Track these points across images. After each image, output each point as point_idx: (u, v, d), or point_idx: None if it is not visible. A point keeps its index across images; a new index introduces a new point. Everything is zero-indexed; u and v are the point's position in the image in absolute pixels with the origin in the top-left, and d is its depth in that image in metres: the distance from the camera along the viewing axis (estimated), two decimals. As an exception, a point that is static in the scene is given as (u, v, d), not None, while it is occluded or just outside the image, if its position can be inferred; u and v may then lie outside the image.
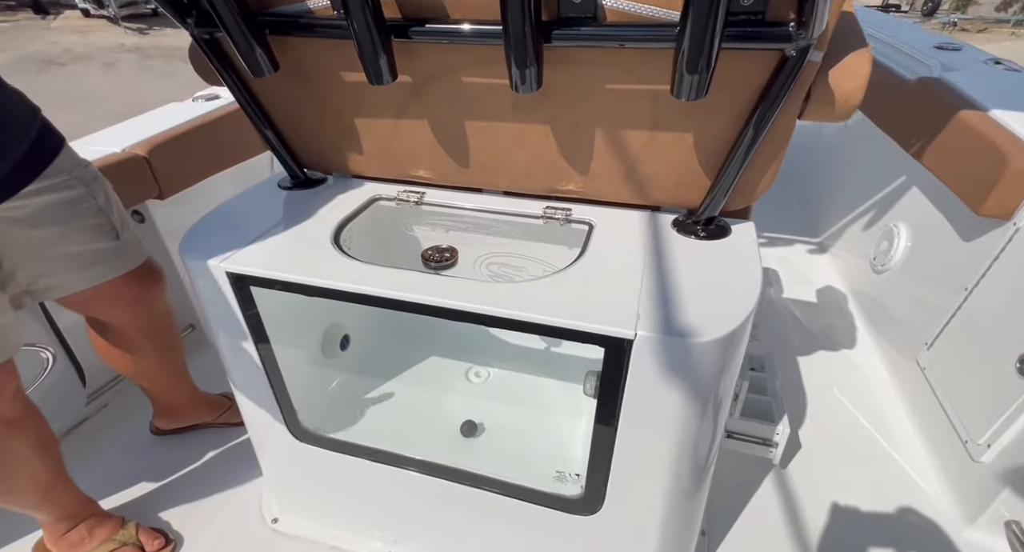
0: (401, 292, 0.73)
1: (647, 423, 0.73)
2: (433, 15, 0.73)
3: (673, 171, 0.83)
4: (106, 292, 1.00)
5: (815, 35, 0.59)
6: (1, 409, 0.87)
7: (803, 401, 1.45)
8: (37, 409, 0.95)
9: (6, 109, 0.82)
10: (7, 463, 0.91)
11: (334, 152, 0.98)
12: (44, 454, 0.96)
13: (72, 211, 0.91)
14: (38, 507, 1.01)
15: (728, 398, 0.80)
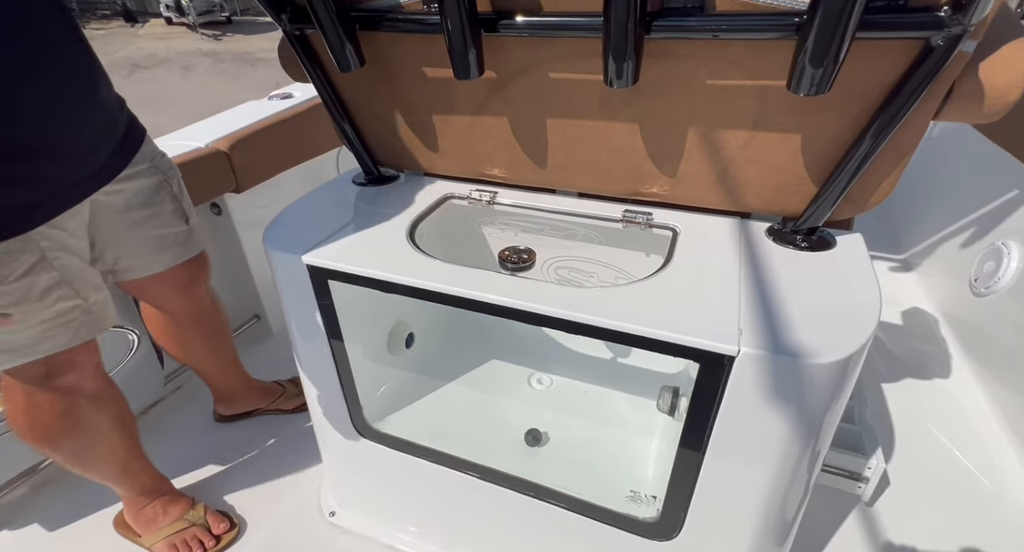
0: (482, 292, 0.70)
1: (741, 449, 0.67)
2: (527, 7, 0.70)
3: (773, 175, 0.76)
4: (165, 277, 1.05)
5: (974, 21, 0.52)
6: (84, 383, 0.91)
7: (891, 433, 1.32)
8: (116, 386, 1.00)
9: (108, 102, 0.86)
10: (89, 435, 0.95)
11: (409, 149, 0.97)
12: (123, 429, 1.00)
13: (155, 197, 0.97)
14: (116, 480, 1.05)
15: (835, 425, 0.73)
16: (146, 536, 1.10)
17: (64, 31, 0.78)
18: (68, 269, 0.81)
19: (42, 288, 0.78)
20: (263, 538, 1.12)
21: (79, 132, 0.80)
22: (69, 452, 0.96)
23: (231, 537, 1.11)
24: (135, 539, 1.11)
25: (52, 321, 0.80)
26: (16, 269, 0.74)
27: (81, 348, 0.87)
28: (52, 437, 0.91)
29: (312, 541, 1.11)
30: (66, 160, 0.78)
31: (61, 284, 0.80)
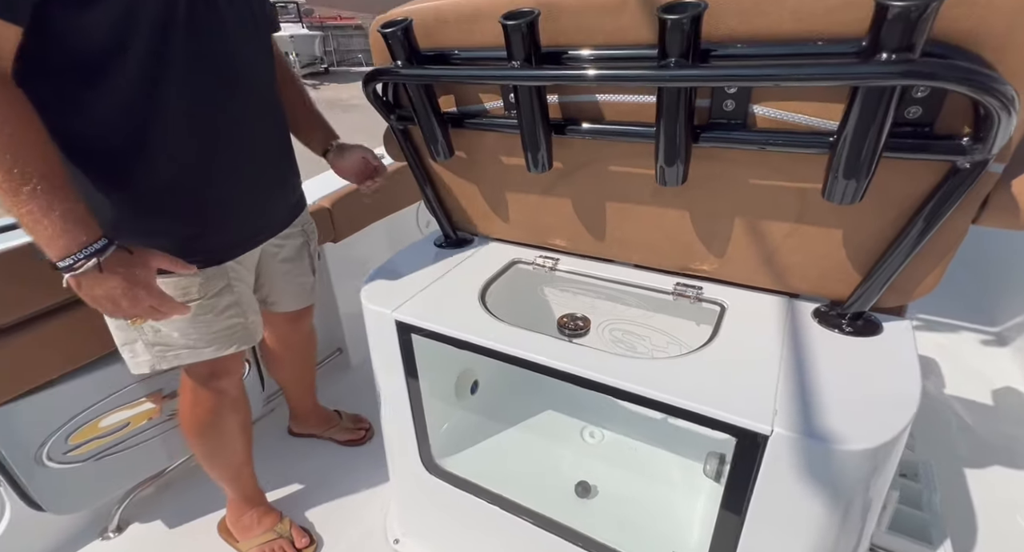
0: (539, 356, 0.81)
1: (778, 524, 0.71)
2: (591, 116, 0.83)
3: (817, 263, 0.82)
4: (289, 315, 1.29)
5: (994, 151, 0.57)
6: (230, 389, 1.12)
7: (972, 525, 1.24)
8: (247, 398, 1.21)
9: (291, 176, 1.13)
10: (225, 435, 1.16)
11: (483, 218, 1.12)
12: (244, 435, 1.20)
13: (300, 253, 1.22)
14: (230, 482, 1.24)
15: (876, 510, 0.74)
16: (242, 542, 1.27)
17: (282, 120, 1.06)
18: (241, 295, 1.04)
19: (223, 306, 1.00)
20: None
21: (270, 196, 1.05)
22: (208, 446, 1.16)
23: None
24: (233, 543, 1.28)
25: (223, 331, 1.02)
26: (212, 289, 0.98)
27: (235, 356, 1.08)
28: (202, 431, 1.13)
29: None
30: (257, 216, 1.04)
31: (235, 305, 1.02)
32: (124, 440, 1.22)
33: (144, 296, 0.78)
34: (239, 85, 0.90)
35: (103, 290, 0.75)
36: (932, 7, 0.49)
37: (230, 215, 0.97)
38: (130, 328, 0.95)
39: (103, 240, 0.73)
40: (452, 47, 0.85)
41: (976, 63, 0.55)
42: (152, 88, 0.79)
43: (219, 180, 0.92)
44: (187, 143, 0.86)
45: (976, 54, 0.55)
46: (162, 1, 0.76)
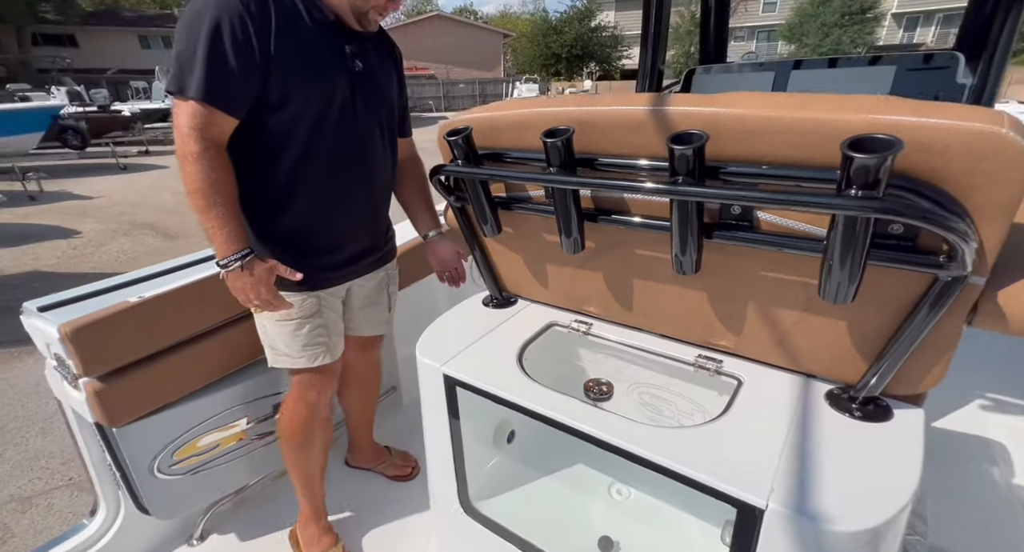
0: (563, 417, 0.92)
1: None
2: (619, 208, 0.96)
3: (827, 348, 0.88)
4: (362, 341, 1.51)
5: (968, 269, 0.64)
6: (322, 407, 1.35)
7: None
8: (332, 421, 1.42)
9: (387, 225, 1.42)
10: (311, 448, 1.37)
11: (526, 283, 1.26)
12: (324, 452, 1.42)
13: (381, 293, 1.48)
14: (303, 489, 1.43)
15: None
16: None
17: (388, 196, 1.40)
18: (328, 319, 1.31)
19: (313, 326, 1.28)
20: None
21: (364, 248, 1.35)
22: (298, 455, 1.38)
23: None
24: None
25: (311, 347, 1.29)
26: (307, 311, 1.26)
27: (324, 371, 1.33)
28: (295, 440, 1.36)
29: None
30: (352, 261, 1.32)
31: (322, 326, 1.29)
32: (215, 458, 1.43)
33: (263, 291, 1.11)
34: (361, 166, 1.25)
35: (240, 283, 1.09)
36: (888, 160, 0.59)
37: (331, 256, 1.27)
38: (265, 333, 1.29)
39: (247, 250, 1.09)
40: (504, 148, 1.02)
41: (943, 197, 0.63)
42: (303, 160, 1.16)
43: (331, 230, 1.26)
44: (317, 201, 1.21)
45: (943, 190, 0.63)
46: (320, 109, 1.14)
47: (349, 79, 1.18)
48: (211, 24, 0.99)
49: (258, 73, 1.05)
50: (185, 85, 1.01)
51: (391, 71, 1.32)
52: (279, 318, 1.24)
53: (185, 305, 1.29)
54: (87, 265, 5.38)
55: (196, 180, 1.03)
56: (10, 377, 3.41)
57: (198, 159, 1.02)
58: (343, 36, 1.18)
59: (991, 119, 0.59)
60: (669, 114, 0.80)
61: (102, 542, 1.37)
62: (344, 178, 1.23)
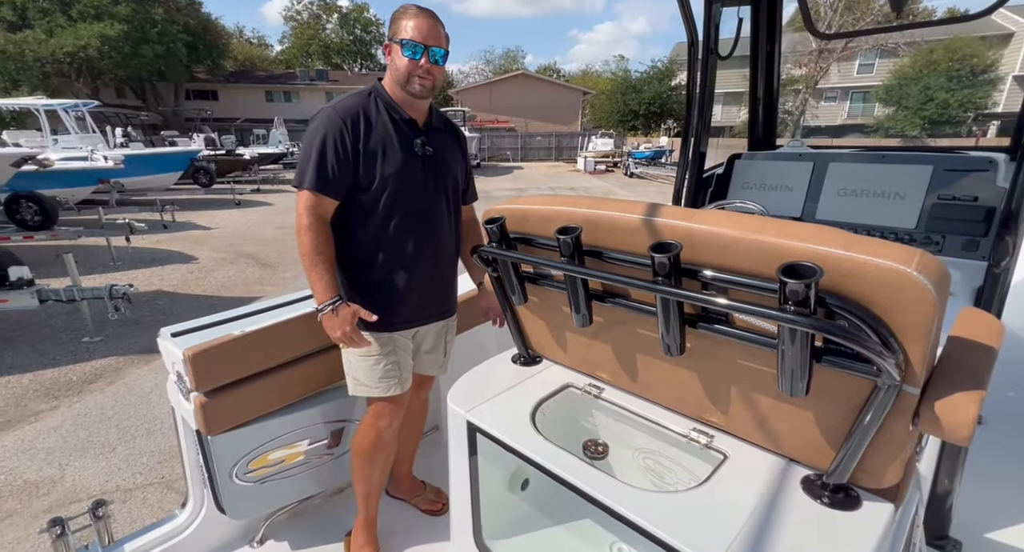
0: (558, 469, 1.07)
1: None
2: (621, 294, 1.14)
3: (800, 434, 0.98)
4: (419, 379, 1.77)
5: (895, 381, 0.75)
6: (387, 433, 1.61)
7: None
8: (395, 446, 1.69)
9: (453, 280, 1.72)
10: (376, 465, 1.63)
11: (549, 346, 1.44)
12: (383, 471, 1.67)
13: (441, 339, 1.75)
14: (362, 501, 1.67)
15: None
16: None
17: (454, 256, 1.71)
18: (400, 357, 1.58)
19: (387, 362, 1.55)
20: None
21: (433, 300, 1.64)
22: (363, 471, 1.63)
23: None
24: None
25: (384, 379, 1.56)
26: (383, 350, 1.54)
27: (395, 401, 1.59)
28: (363, 458, 1.62)
29: None
30: (420, 310, 1.61)
31: (395, 363, 1.57)
32: (279, 472, 1.70)
33: (348, 329, 1.42)
34: (431, 228, 1.56)
35: (331, 323, 1.42)
36: (812, 285, 0.73)
37: (404, 305, 1.56)
38: (349, 366, 1.57)
39: (338, 298, 1.42)
40: (531, 235, 1.24)
41: (870, 317, 0.76)
42: (384, 226, 1.49)
43: (405, 283, 1.54)
44: (394, 258, 1.52)
45: (871, 311, 0.76)
46: (397, 187, 1.47)
47: (421, 163, 1.51)
48: (321, 137, 1.41)
49: (351, 168, 1.43)
50: (303, 180, 1.41)
51: (457, 153, 1.65)
52: (361, 353, 1.52)
53: (275, 339, 1.60)
54: (199, 288, 6.24)
55: (306, 245, 1.39)
56: (130, 381, 4.03)
57: (308, 230, 1.39)
58: (416, 130, 1.52)
59: (902, 258, 0.72)
60: (657, 224, 0.98)
61: (187, 532, 1.65)
62: (415, 239, 1.53)
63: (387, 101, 1.49)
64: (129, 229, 6.85)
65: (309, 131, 1.43)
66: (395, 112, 1.48)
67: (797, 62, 26.77)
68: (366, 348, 1.50)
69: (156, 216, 9.75)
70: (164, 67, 24.37)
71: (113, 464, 3.03)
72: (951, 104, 23.99)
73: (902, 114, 25.42)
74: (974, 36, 24.45)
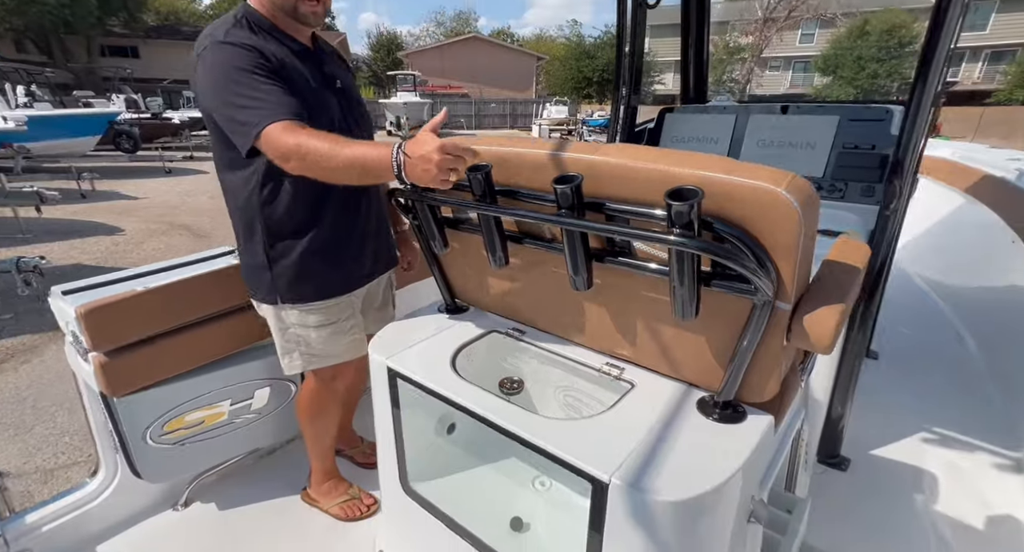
0: (473, 405, 1.08)
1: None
2: (534, 233, 1.14)
3: (696, 359, 1.03)
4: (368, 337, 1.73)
5: (768, 297, 0.80)
6: (340, 389, 1.58)
7: None
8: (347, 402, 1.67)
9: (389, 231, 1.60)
10: (328, 423, 1.63)
11: (473, 293, 1.44)
12: (337, 424, 1.67)
13: (388, 292, 1.69)
14: (321, 457, 1.67)
15: None
16: (324, 502, 1.68)
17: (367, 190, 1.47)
18: (358, 319, 1.50)
19: (349, 326, 1.47)
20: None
21: (379, 248, 1.53)
22: (316, 429, 1.61)
23: (375, 510, 1.68)
24: (317, 504, 1.69)
25: (349, 344, 1.48)
26: (344, 314, 1.46)
27: (351, 364, 1.53)
28: (313, 418, 1.60)
29: None
30: (375, 255, 1.51)
31: (356, 326, 1.50)
32: (199, 434, 1.64)
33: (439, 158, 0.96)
34: None
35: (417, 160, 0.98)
36: (694, 207, 0.75)
37: (360, 258, 1.47)
38: (291, 342, 1.45)
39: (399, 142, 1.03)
40: None
41: (748, 238, 0.79)
42: None
43: (357, 235, 1.44)
44: (343, 210, 1.38)
45: (748, 232, 0.79)
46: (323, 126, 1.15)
47: (336, 98, 1.33)
48: (238, 69, 1.12)
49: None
50: (259, 119, 1.10)
51: (354, 84, 1.46)
52: (317, 324, 1.42)
53: (183, 296, 1.51)
54: (126, 261, 5.81)
55: (321, 149, 1.05)
56: (47, 359, 3.75)
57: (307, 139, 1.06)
58: (317, 60, 1.30)
59: (775, 179, 0.75)
60: (563, 159, 0.98)
61: (100, 499, 1.58)
62: (357, 186, 1.33)
63: (269, 28, 1.24)
64: (39, 198, 6.23)
65: (216, 74, 1.14)
66: (290, 41, 1.26)
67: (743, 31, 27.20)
68: (321, 317, 1.40)
69: (72, 184, 8.94)
70: (71, 17, 21.69)
71: (31, 445, 2.85)
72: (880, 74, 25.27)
73: (838, 83, 26.56)
74: (902, 8, 25.58)
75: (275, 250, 1.34)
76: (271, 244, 1.34)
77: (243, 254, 1.42)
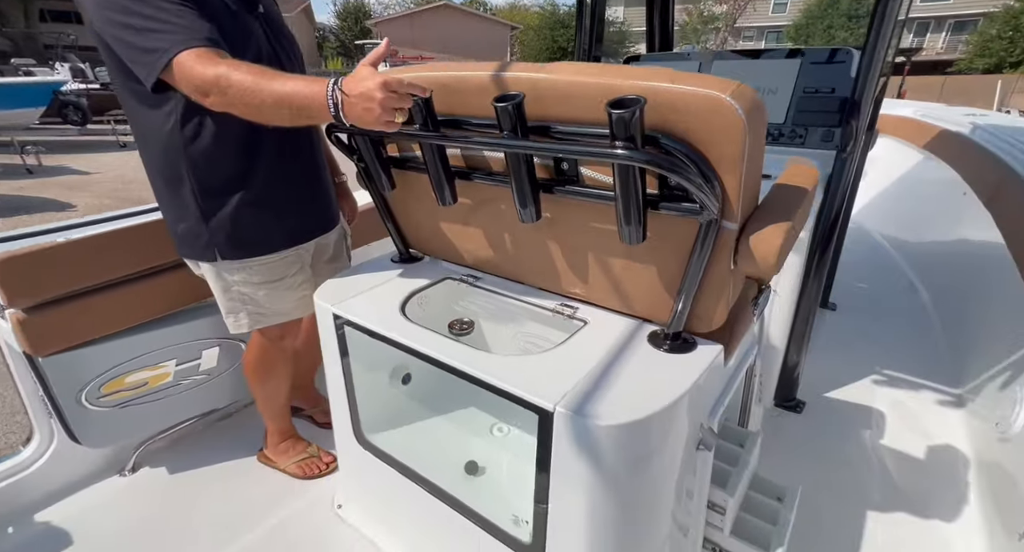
0: (421, 346, 1.04)
1: (570, 491, 0.88)
2: (481, 166, 1.08)
3: (647, 292, 1.00)
4: None
5: (715, 214, 0.77)
6: (289, 347, 1.51)
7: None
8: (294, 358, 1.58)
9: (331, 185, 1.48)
10: (280, 382, 1.55)
11: (426, 241, 1.38)
12: (289, 384, 1.58)
13: (340, 245, 1.57)
14: (275, 417, 1.61)
15: (665, 489, 0.90)
16: (280, 462, 1.64)
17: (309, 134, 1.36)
18: (307, 274, 1.41)
19: (299, 282, 1.39)
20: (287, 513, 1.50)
21: (326, 198, 1.43)
22: (267, 389, 1.54)
23: (335, 468, 1.61)
24: (274, 464, 1.65)
25: (298, 301, 1.40)
26: (292, 270, 1.36)
27: (299, 322, 1.46)
28: (264, 379, 1.52)
29: (321, 526, 1.45)
30: (321, 205, 1.41)
31: (305, 281, 1.40)
32: (143, 396, 1.56)
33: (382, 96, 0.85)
34: None
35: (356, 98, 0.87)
36: (636, 115, 0.70)
37: (306, 208, 1.37)
38: (235, 301, 1.36)
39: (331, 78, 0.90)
40: None
41: (691, 152, 0.75)
42: None
43: (301, 182, 1.34)
44: (279, 156, 1.26)
45: (691, 145, 0.75)
46: (251, 58, 1.05)
47: (259, 25, 1.19)
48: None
49: None
50: (169, 45, 0.96)
51: (276, 7, 1.29)
52: (263, 280, 1.33)
53: (112, 249, 1.41)
54: (75, 236, 5.52)
55: (244, 81, 0.92)
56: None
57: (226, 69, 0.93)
58: None
59: (719, 87, 0.71)
60: (505, 79, 0.91)
61: (35, 466, 1.49)
62: (301, 128, 1.21)
63: None
64: (-24, 171, 5.83)
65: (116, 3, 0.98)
66: None
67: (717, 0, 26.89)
68: (267, 273, 1.31)
69: (16, 159, 8.39)
70: (3, -22, 20.07)
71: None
72: (849, 42, 25.48)
73: (809, 53, 26.72)
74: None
75: (208, 201, 1.21)
76: (203, 194, 1.20)
77: (169, 208, 1.27)
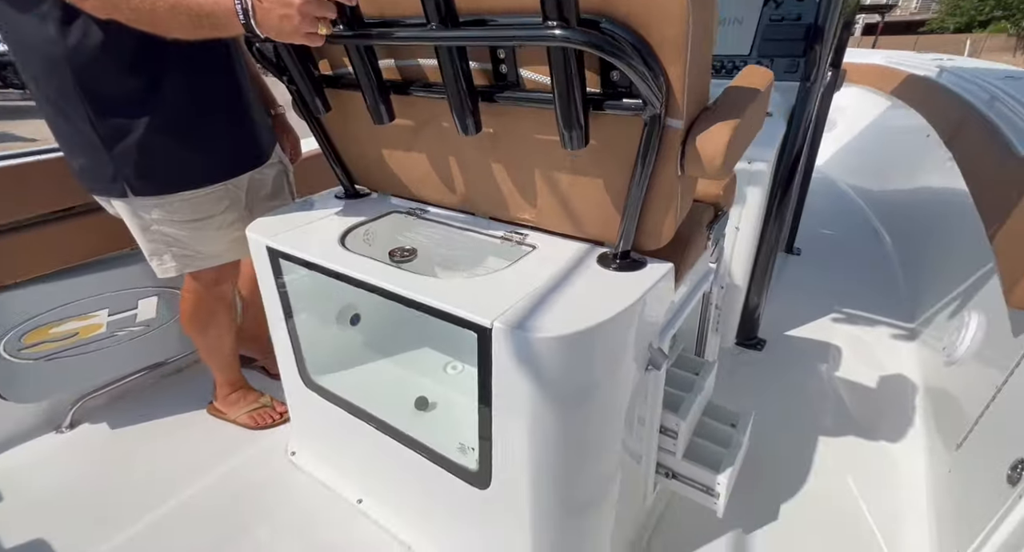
0: (359, 274, 0.97)
1: (513, 411, 0.85)
2: (414, 78, 0.99)
3: (596, 210, 0.94)
4: None
5: (657, 108, 0.71)
6: (227, 294, 1.42)
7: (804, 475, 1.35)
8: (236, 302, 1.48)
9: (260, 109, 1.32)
10: (221, 330, 1.46)
11: (370, 174, 1.29)
12: (233, 332, 1.49)
13: (281, 180, 1.41)
14: (222, 368, 1.53)
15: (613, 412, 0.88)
16: (231, 413, 1.57)
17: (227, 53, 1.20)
18: (240, 212, 1.28)
19: (230, 221, 1.26)
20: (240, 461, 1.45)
21: (256, 127, 1.28)
22: (208, 340, 1.46)
23: (287, 418, 1.55)
24: (224, 416, 1.59)
25: (231, 242, 1.28)
26: (221, 207, 1.24)
27: (235, 264, 1.36)
28: (204, 329, 1.43)
29: (273, 475, 1.41)
30: (254, 133, 1.26)
31: (238, 220, 1.27)
32: (73, 347, 1.46)
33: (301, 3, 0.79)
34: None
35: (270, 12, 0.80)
36: None
37: (236, 135, 1.23)
38: (157, 242, 1.23)
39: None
40: None
41: (632, 36, 0.68)
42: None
43: (238, 102, 1.22)
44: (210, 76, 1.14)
45: (635, 30, 0.68)
46: None
47: None
48: None
49: None
50: None
51: None
52: (191, 219, 1.21)
53: (26, 185, 1.28)
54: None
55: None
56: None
57: None
58: None
59: None
60: None
61: None
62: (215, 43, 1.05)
63: None
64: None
65: None
66: None
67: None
68: (190, 211, 1.19)
69: (-51, 125, 7.79)
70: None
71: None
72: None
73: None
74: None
75: (106, 124, 1.06)
76: (98, 116, 1.04)
77: (64, 137, 1.12)
